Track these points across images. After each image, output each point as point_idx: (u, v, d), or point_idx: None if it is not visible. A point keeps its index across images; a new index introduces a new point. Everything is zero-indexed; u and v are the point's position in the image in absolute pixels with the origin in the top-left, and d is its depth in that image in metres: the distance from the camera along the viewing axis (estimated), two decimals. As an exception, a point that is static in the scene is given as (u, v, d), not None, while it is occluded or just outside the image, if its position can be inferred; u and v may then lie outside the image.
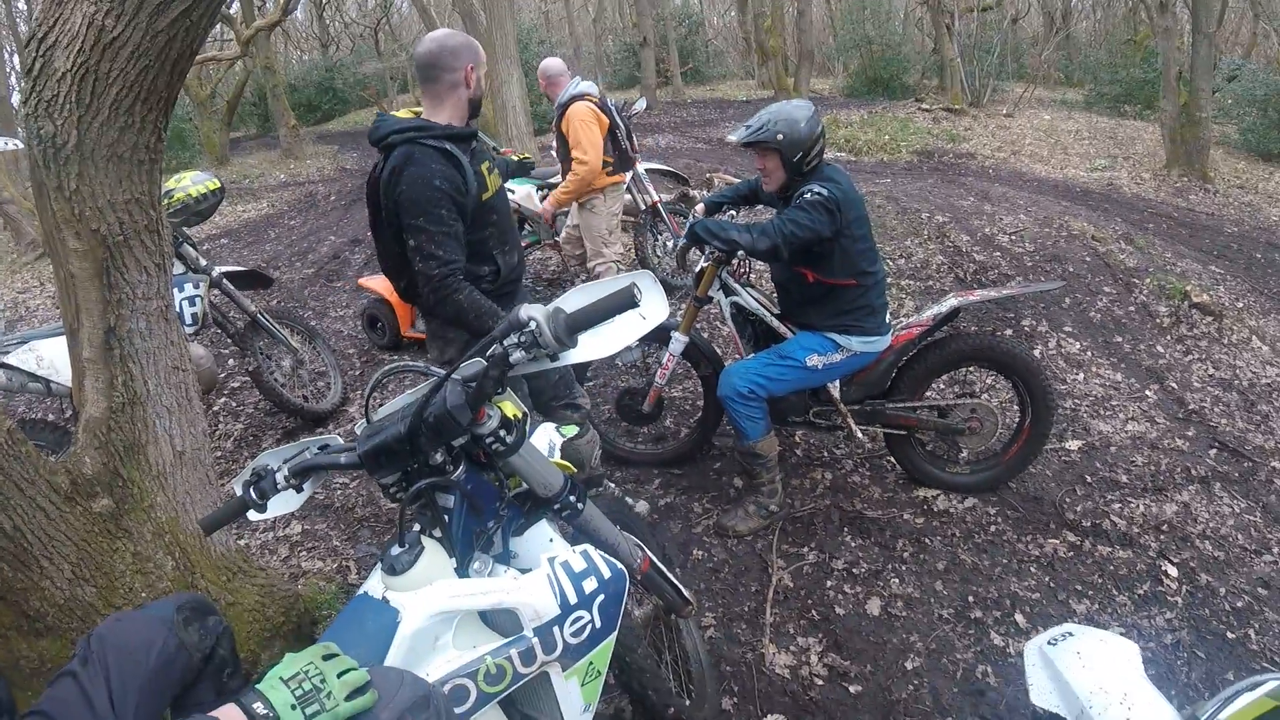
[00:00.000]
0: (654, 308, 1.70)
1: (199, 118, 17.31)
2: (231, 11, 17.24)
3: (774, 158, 3.23)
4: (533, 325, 1.59)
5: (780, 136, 3.15)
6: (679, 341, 3.65)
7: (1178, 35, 12.47)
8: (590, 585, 1.66)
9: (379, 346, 5.98)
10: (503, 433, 1.65)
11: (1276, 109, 12.85)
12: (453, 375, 1.58)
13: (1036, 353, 5.10)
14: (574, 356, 1.67)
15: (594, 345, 1.69)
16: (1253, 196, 10.86)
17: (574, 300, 1.68)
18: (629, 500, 2.29)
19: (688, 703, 2.38)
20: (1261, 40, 23.01)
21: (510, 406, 1.70)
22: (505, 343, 1.59)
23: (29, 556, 1.96)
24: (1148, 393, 4.73)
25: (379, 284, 5.65)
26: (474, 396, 1.57)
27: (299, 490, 1.73)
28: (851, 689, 2.80)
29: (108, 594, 2.14)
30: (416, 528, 1.60)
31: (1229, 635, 3.01)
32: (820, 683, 2.83)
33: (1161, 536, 3.52)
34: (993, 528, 3.58)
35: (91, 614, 2.10)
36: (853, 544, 3.51)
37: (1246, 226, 9.33)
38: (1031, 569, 3.35)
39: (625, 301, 1.60)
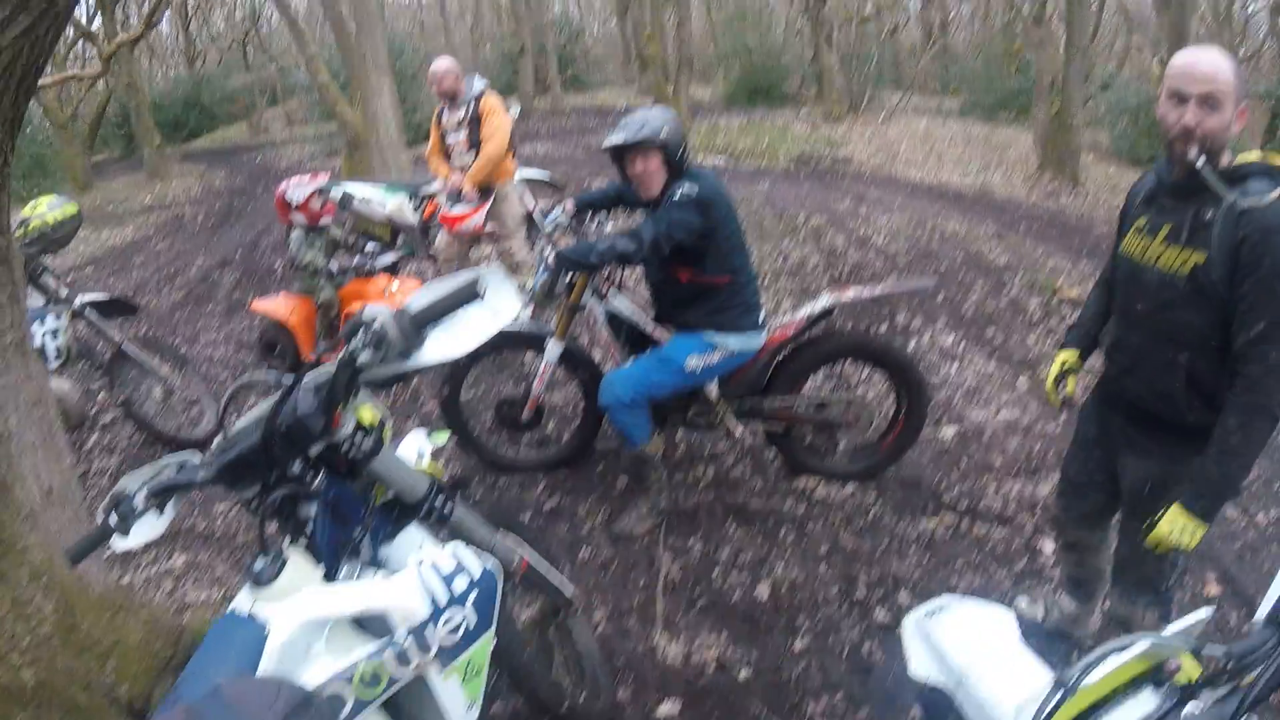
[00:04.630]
0: (504, 304, 1.69)
1: (59, 142, 16.37)
2: (93, 28, 16.48)
3: (656, 158, 3.25)
4: (378, 323, 1.57)
5: (664, 134, 3.20)
6: (555, 349, 3.65)
7: (1052, 47, 13.12)
8: (461, 583, 1.64)
9: (282, 371, 5.73)
10: (359, 438, 1.63)
11: (1147, 117, 13.38)
12: (303, 382, 1.56)
13: (912, 346, 5.29)
14: (426, 357, 1.65)
15: (445, 344, 1.66)
16: (1121, 199, 11.47)
17: (421, 298, 1.67)
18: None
19: (582, 698, 2.39)
20: (1135, 53, 24.27)
21: (367, 412, 1.68)
22: (351, 343, 1.57)
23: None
24: (1019, 382, 4.94)
25: (275, 306, 5.43)
26: (325, 402, 1.55)
27: (160, 511, 1.66)
28: (742, 673, 2.84)
29: None
30: (282, 539, 1.57)
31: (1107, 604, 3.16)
32: (712, 668, 2.87)
33: (1035, 515, 3.67)
34: (872, 512, 3.69)
35: (-24, 663, 2.00)
36: (737, 534, 3.57)
37: (1115, 226, 9.86)
38: (911, 549, 3.46)
39: (469, 294, 1.60)
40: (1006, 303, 6.08)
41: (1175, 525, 2.04)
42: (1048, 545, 3.45)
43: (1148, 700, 1.39)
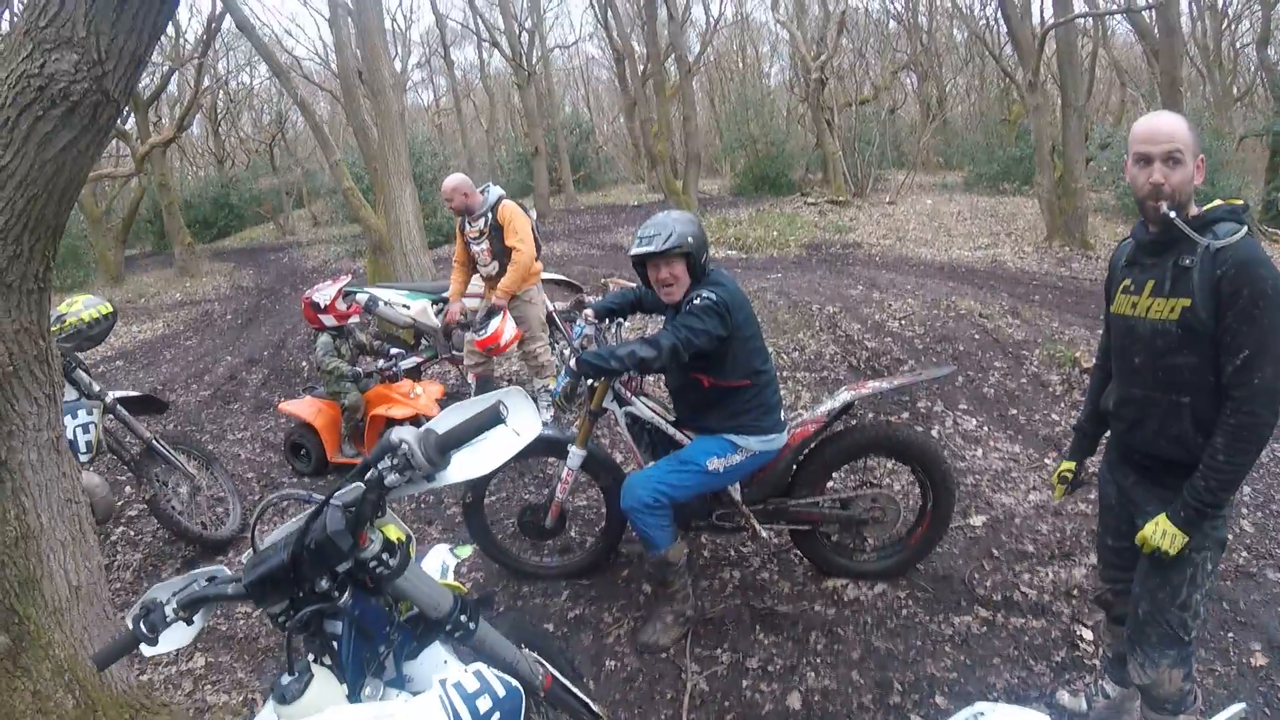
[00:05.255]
0: (526, 423, 1.73)
1: (94, 235, 16.93)
2: (127, 128, 17.08)
3: (681, 265, 3.28)
4: (404, 448, 1.60)
5: (690, 240, 3.23)
6: (576, 455, 3.64)
7: (1049, 111, 13.24)
8: (484, 704, 1.63)
9: (304, 474, 5.78)
10: (386, 556, 1.65)
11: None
12: (331, 500, 1.58)
13: (934, 432, 5.25)
14: (450, 477, 1.68)
15: (469, 465, 1.70)
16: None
17: (445, 421, 1.70)
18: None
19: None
20: (1130, 106, 24.36)
21: (393, 530, 1.70)
22: (379, 466, 1.60)
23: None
24: (1047, 461, 4.88)
25: (301, 408, 5.51)
26: (353, 521, 1.58)
27: (189, 623, 1.69)
28: (777, 791, 2.77)
29: None
30: (308, 656, 1.58)
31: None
32: (746, 788, 2.79)
33: (1073, 601, 3.59)
34: (904, 611, 3.61)
35: (-6, 756, 2.01)
36: (766, 641, 3.50)
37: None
38: (946, 648, 3.38)
39: (492, 418, 1.63)
40: (1027, 379, 6.05)
41: (1159, 529, 2.22)
42: (1087, 634, 3.38)
43: None
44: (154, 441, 4.52)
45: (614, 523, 3.92)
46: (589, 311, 3.71)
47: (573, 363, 3.25)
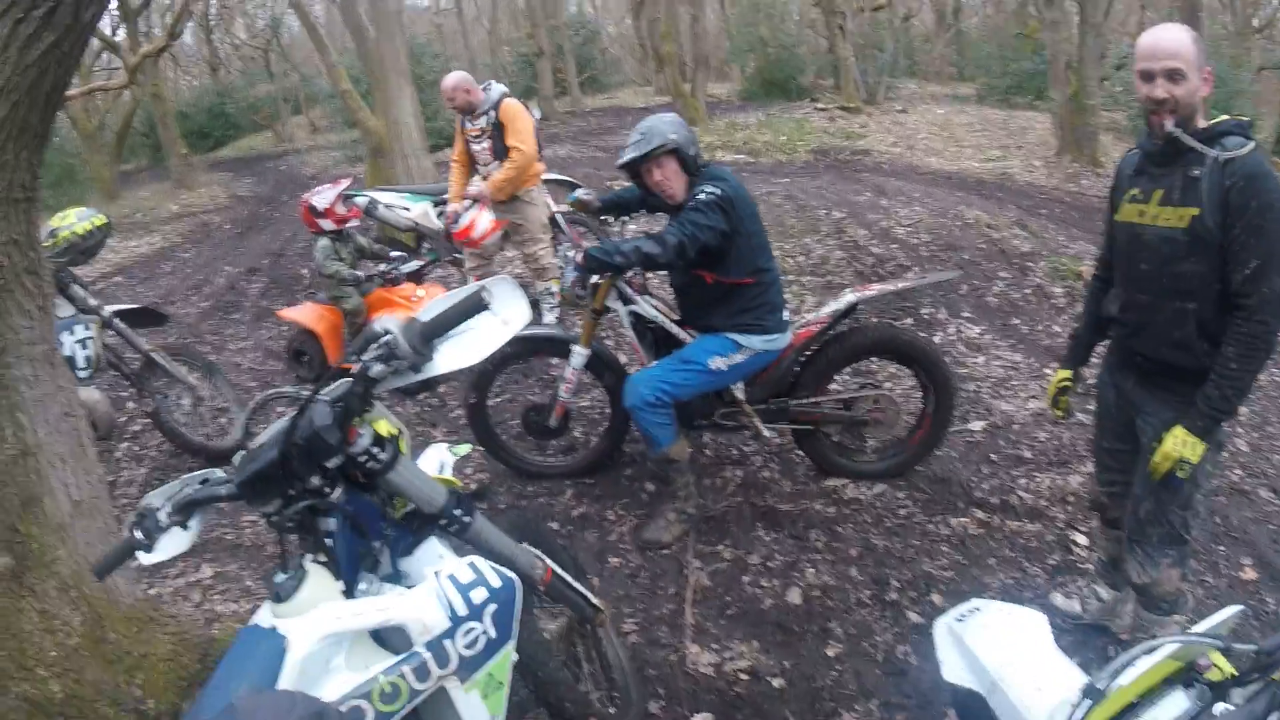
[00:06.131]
0: (514, 312, 1.70)
1: (87, 152, 16.62)
2: (118, 39, 16.65)
3: (671, 162, 3.26)
4: (388, 337, 1.59)
5: (672, 136, 3.21)
6: (580, 355, 3.64)
7: (1066, 27, 12.87)
8: (479, 595, 1.65)
9: (307, 381, 5.70)
10: (376, 450, 1.64)
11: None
12: (318, 396, 1.57)
13: (937, 339, 5.24)
14: (437, 368, 1.67)
15: (456, 355, 1.68)
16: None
17: (429, 310, 1.68)
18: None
19: (613, 710, 2.38)
20: (1149, 28, 23.88)
21: (384, 425, 1.70)
22: (364, 357, 1.59)
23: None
24: (1047, 371, 4.87)
25: (302, 314, 5.46)
26: (341, 415, 1.57)
27: (184, 527, 1.68)
28: (776, 681, 2.82)
29: (17, 656, 2.08)
30: (302, 554, 1.58)
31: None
32: (745, 678, 2.85)
33: (1068, 507, 3.63)
34: (903, 511, 3.66)
35: (3, 678, 2.04)
36: (767, 538, 3.55)
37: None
38: (943, 548, 3.42)
39: (476, 305, 1.61)
40: (1031, 290, 6.01)
41: (1178, 441, 2.25)
42: (1081, 538, 3.42)
43: (1179, 701, 1.38)
44: (154, 354, 4.47)
45: (618, 422, 3.94)
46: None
47: (578, 257, 3.22)
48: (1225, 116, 2.21)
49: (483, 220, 5.15)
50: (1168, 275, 2.27)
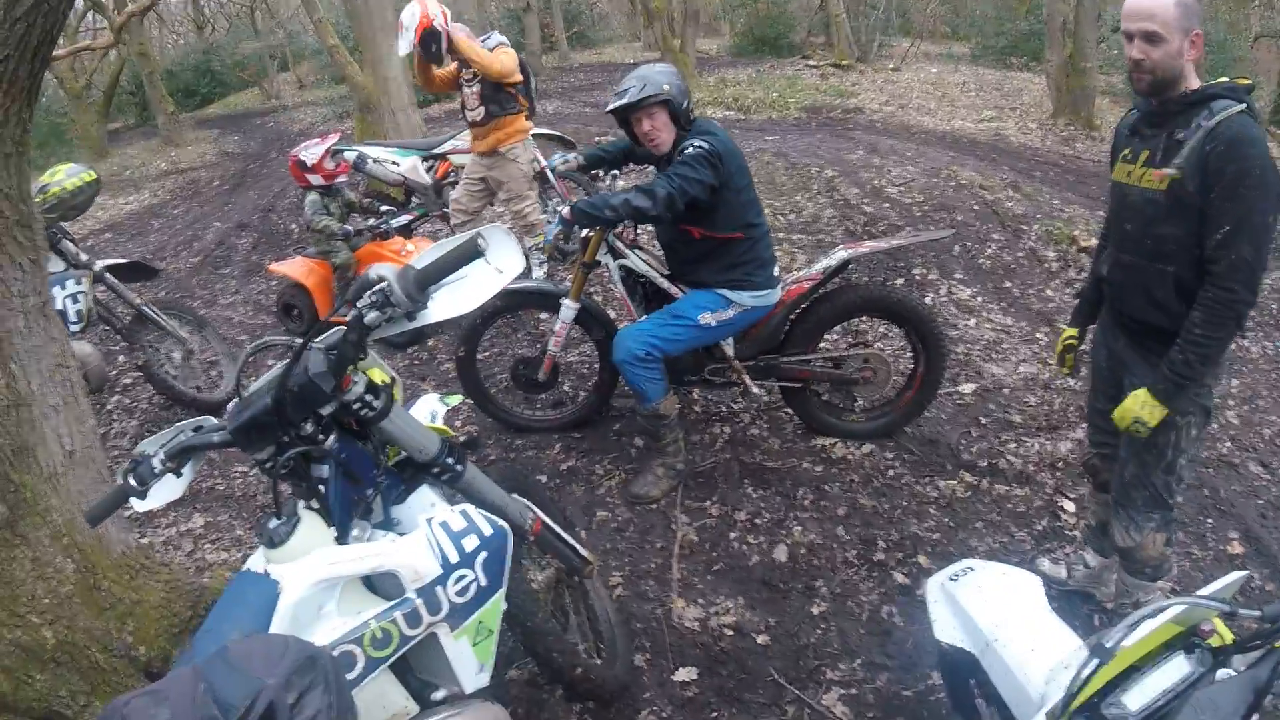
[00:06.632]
0: (508, 260, 1.68)
1: (75, 111, 16.43)
2: (103, -1, 16.38)
3: (662, 113, 3.22)
4: (383, 284, 1.58)
5: (666, 87, 3.17)
6: (570, 309, 3.63)
7: (1063, -12, 12.72)
8: (471, 543, 1.66)
9: (297, 335, 5.74)
10: (369, 398, 1.65)
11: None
12: (313, 343, 1.57)
13: (928, 300, 5.22)
14: (432, 315, 1.65)
15: (450, 303, 1.67)
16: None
17: (424, 257, 1.67)
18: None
19: (598, 662, 2.40)
20: None
21: (377, 373, 1.71)
22: (359, 304, 1.58)
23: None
24: (1038, 335, 4.88)
25: (292, 268, 5.44)
26: (335, 362, 1.57)
27: (178, 474, 1.69)
28: (760, 638, 2.85)
29: (10, 604, 2.11)
30: (296, 501, 1.59)
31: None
32: (730, 633, 2.87)
33: (1057, 473, 3.64)
34: (891, 472, 3.66)
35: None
36: (754, 495, 3.56)
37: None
38: (931, 510, 3.44)
39: (471, 252, 1.59)
40: (1024, 254, 5.98)
41: (1138, 401, 2.28)
42: (1069, 505, 3.43)
43: (1181, 664, 1.39)
44: (144, 308, 4.51)
45: (606, 376, 3.94)
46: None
47: (566, 211, 3.19)
48: (1224, 79, 2.19)
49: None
50: (1150, 237, 2.28)
